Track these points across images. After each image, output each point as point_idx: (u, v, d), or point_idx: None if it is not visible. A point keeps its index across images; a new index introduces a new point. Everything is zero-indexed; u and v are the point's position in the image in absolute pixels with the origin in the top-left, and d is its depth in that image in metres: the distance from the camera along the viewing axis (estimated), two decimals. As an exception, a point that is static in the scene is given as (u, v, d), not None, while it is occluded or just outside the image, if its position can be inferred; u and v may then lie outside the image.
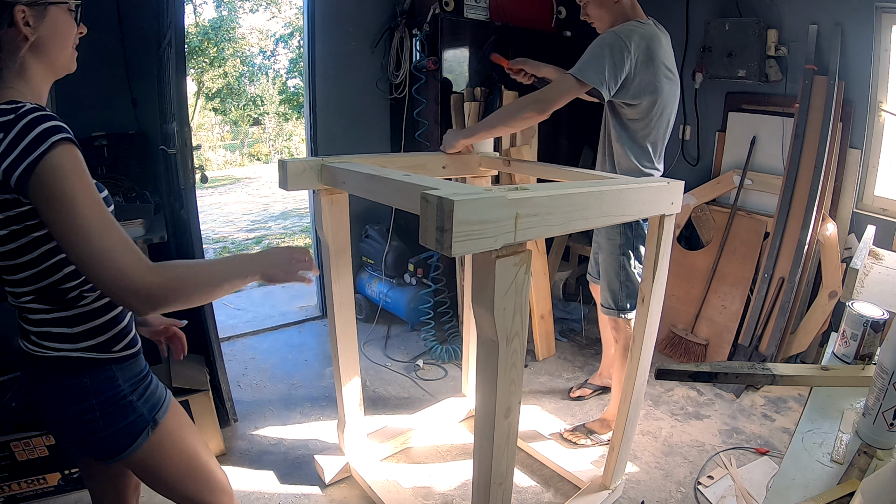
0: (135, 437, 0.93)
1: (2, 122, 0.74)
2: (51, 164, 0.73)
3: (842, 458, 0.82)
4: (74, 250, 0.76)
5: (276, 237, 6.01)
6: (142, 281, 0.77)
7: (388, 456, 1.95)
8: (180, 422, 1.03)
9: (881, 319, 1.04)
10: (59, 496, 1.72)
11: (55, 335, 0.88)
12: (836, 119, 2.35)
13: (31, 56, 0.82)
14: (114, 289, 0.76)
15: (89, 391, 0.89)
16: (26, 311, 0.88)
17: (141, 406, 0.94)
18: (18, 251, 0.82)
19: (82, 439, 0.92)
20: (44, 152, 0.73)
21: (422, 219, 0.89)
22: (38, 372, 0.91)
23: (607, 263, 1.82)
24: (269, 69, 15.43)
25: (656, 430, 2.12)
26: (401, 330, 3.02)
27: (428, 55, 2.65)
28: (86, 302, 0.89)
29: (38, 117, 0.75)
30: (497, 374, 1.01)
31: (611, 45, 1.53)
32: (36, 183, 0.73)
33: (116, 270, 0.75)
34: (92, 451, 0.94)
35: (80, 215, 0.75)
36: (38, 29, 0.81)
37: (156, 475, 1.01)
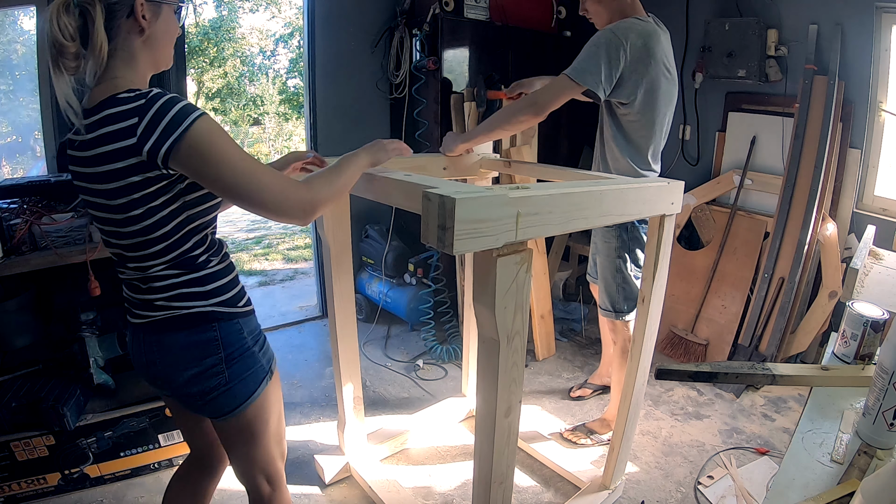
0: (255, 386, 1.01)
1: (133, 107, 0.82)
2: (198, 132, 0.82)
3: (842, 458, 0.82)
4: (240, 192, 0.86)
5: (276, 237, 6.00)
6: (298, 198, 0.91)
7: (388, 456, 1.95)
8: (276, 387, 1.10)
9: (881, 319, 1.04)
10: (59, 496, 1.72)
11: (187, 294, 0.95)
12: (836, 119, 2.35)
13: (142, 48, 0.90)
14: (280, 211, 0.90)
15: (219, 343, 0.97)
16: (155, 279, 0.94)
17: (261, 357, 1.03)
18: (154, 226, 0.89)
19: (206, 394, 0.98)
20: (188, 126, 0.81)
21: (423, 217, 0.89)
22: (163, 335, 0.96)
23: (604, 266, 1.81)
24: (269, 69, 15.43)
25: (656, 430, 2.12)
26: (401, 330, 3.02)
27: (428, 55, 2.65)
28: (213, 264, 0.98)
29: (170, 98, 0.83)
30: (497, 374, 1.01)
31: (606, 43, 1.50)
32: (187, 152, 0.82)
33: (280, 197, 0.89)
34: (214, 407, 1.00)
35: (238, 165, 0.85)
36: (153, 24, 0.89)
37: (255, 434, 1.06)
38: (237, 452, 1.09)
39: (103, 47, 0.85)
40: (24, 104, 2.73)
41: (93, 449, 1.71)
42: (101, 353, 1.79)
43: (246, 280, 4.30)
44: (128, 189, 0.85)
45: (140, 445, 1.78)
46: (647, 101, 1.59)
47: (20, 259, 1.61)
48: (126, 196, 0.86)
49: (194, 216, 0.93)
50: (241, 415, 1.01)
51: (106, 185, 0.86)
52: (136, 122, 0.81)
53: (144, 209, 0.87)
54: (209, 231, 0.99)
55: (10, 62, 3.13)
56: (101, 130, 0.83)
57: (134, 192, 0.85)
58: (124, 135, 0.82)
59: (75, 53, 0.84)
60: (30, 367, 1.75)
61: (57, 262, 1.64)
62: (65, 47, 0.83)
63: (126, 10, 0.86)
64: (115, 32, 0.87)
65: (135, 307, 0.99)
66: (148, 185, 0.85)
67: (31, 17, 2.36)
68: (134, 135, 0.81)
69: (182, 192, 0.89)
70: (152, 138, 0.81)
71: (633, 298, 1.80)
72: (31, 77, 2.26)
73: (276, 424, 1.10)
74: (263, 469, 1.12)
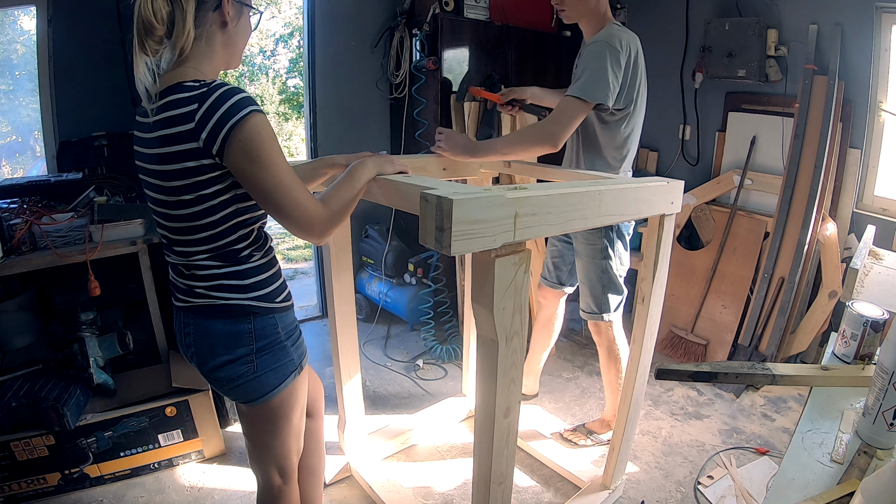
0: (283, 378, 1.03)
1: (195, 94, 0.85)
2: (253, 128, 0.85)
3: (842, 458, 0.81)
4: (275, 202, 0.89)
5: (276, 237, 6.00)
6: (320, 218, 0.93)
7: (389, 456, 1.95)
8: (304, 381, 1.12)
9: (881, 319, 1.04)
10: (59, 496, 1.72)
11: (227, 286, 0.98)
12: (836, 119, 2.35)
13: (221, 43, 0.94)
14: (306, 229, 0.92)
15: (253, 335, 0.99)
16: (197, 267, 0.97)
17: (293, 352, 1.05)
18: (202, 213, 0.91)
19: (233, 380, 1.01)
20: (243, 117, 0.84)
21: (421, 218, 0.89)
22: (200, 320, 1.00)
23: (588, 269, 1.78)
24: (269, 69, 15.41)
25: (656, 430, 2.12)
26: (401, 330, 3.02)
27: (428, 55, 2.65)
28: (255, 259, 1.01)
29: (232, 88, 0.86)
30: (497, 374, 1.01)
31: (609, 56, 1.51)
32: (239, 146, 0.84)
33: (307, 215, 0.91)
34: (239, 393, 1.03)
35: (279, 174, 0.88)
36: (234, 21, 0.94)
37: (277, 424, 1.08)
38: (256, 440, 1.12)
39: (189, 35, 0.89)
40: (24, 104, 2.73)
41: (93, 449, 1.71)
42: (101, 353, 1.79)
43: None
44: (182, 173, 0.88)
45: (140, 445, 1.78)
46: (638, 106, 1.65)
47: (20, 259, 1.61)
48: (180, 180, 0.89)
49: (244, 210, 0.95)
50: (266, 404, 1.04)
51: (163, 167, 0.89)
52: (196, 108, 0.84)
53: (196, 195, 0.90)
54: (257, 226, 1.01)
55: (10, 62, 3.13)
56: (165, 114, 0.87)
57: (188, 177, 0.88)
58: (184, 120, 0.85)
59: (160, 37, 0.88)
60: (30, 367, 1.75)
61: (57, 262, 1.64)
62: (154, 28, 0.87)
63: (214, 4, 0.91)
64: (201, 22, 0.91)
65: (178, 291, 1.03)
66: (202, 172, 0.88)
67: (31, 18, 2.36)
68: (193, 120, 0.84)
69: (235, 185, 0.92)
70: (209, 126, 0.84)
71: (617, 296, 1.80)
72: (32, 77, 2.26)
73: (298, 419, 1.13)
74: (277, 461, 1.14)
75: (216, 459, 1.91)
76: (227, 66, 0.99)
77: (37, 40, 2.18)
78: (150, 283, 1.92)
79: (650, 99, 1.74)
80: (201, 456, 1.90)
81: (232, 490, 1.77)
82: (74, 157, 2.17)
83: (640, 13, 3.06)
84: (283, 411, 1.07)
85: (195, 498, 1.74)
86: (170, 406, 1.78)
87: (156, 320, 1.96)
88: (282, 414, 1.08)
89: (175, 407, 1.79)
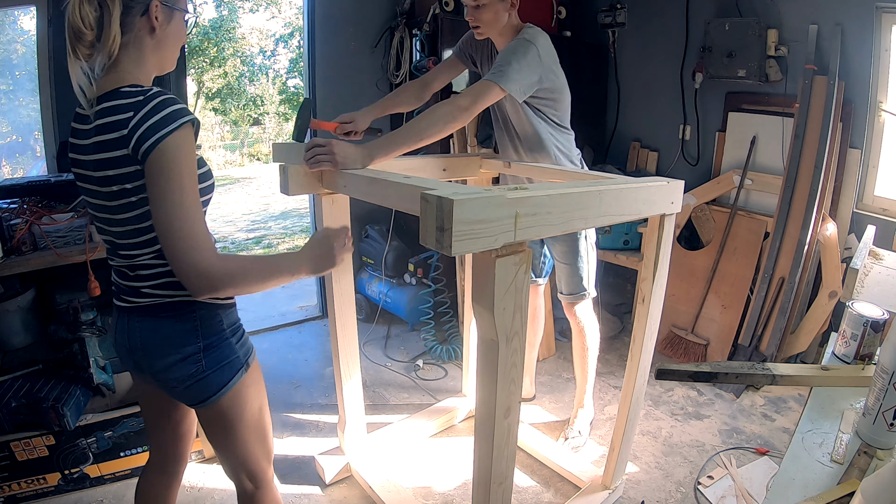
0: (231, 375, 1.02)
1: (130, 102, 0.86)
2: (175, 141, 0.84)
3: (842, 458, 0.82)
4: (167, 222, 0.85)
5: (276, 237, 6.01)
6: (210, 265, 0.87)
7: (389, 456, 1.95)
8: (259, 376, 1.12)
9: (881, 319, 1.04)
10: (59, 496, 1.72)
11: (173, 284, 0.96)
12: (836, 119, 2.35)
13: (152, 49, 0.94)
14: (187, 265, 0.86)
15: (199, 332, 0.99)
16: (142, 267, 0.97)
17: (238, 349, 1.05)
18: (142, 216, 0.91)
19: (184, 380, 1.00)
20: (172, 130, 0.84)
21: (422, 219, 0.89)
22: (148, 320, 0.99)
23: (568, 252, 1.84)
24: (269, 69, 15.44)
25: (656, 430, 2.12)
26: (401, 330, 3.02)
27: (428, 55, 2.65)
28: None
29: (167, 99, 0.86)
30: (497, 374, 1.01)
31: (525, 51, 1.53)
32: (158, 156, 0.84)
33: (196, 251, 0.86)
34: (191, 394, 1.02)
35: (185, 195, 0.86)
36: (164, 26, 0.94)
37: (232, 425, 1.07)
38: (218, 445, 1.12)
39: (115, 39, 0.89)
40: (24, 104, 2.73)
41: (93, 449, 1.71)
42: (101, 353, 1.79)
43: (246, 280, 4.29)
44: (119, 179, 0.89)
45: (140, 445, 1.78)
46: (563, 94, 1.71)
47: (20, 259, 1.61)
48: (118, 185, 0.89)
49: None
50: (217, 404, 1.03)
51: (101, 173, 0.90)
52: (132, 115, 0.85)
53: (135, 199, 0.90)
54: None
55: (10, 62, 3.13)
56: (101, 120, 0.87)
57: (124, 182, 0.89)
58: (119, 126, 0.85)
59: (91, 42, 0.89)
60: (30, 367, 1.75)
61: (57, 262, 1.64)
62: (83, 34, 0.88)
63: (141, 9, 0.91)
64: (129, 28, 0.91)
65: (122, 293, 1.02)
66: (136, 177, 0.88)
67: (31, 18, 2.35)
68: (126, 127, 0.85)
69: None
70: (138, 133, 0.84)
71: (594, 271, 1.88)
72: (32, 77, 2.25)
73: (255, 420, 1.11)
74: (244, 465, 1.13)
75: (216, 460, 1.91)
76: (160, 70, 0.99)
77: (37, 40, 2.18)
78: (150, 283, 1.92)
79: (650, 99, 1.75)
80: (201, 456, 1.90)
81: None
82: (74, 157, 2.17)
83: (640, 13, 3.06)
84: (236, 410, 1.06)
85: (195, 498, 1.74)
86: (170, 406, 1.78)
87: (156, 320, 1.96)
88: (234, 415, 1.06)
89: (175, 407, 1.79)
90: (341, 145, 1.33)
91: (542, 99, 1.65)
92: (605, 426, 2.15)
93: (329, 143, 1.32)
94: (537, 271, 2.05)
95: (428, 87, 1.84)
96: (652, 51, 3.08)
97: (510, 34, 1.65)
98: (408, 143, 1.40)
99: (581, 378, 2.04)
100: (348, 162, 1.33)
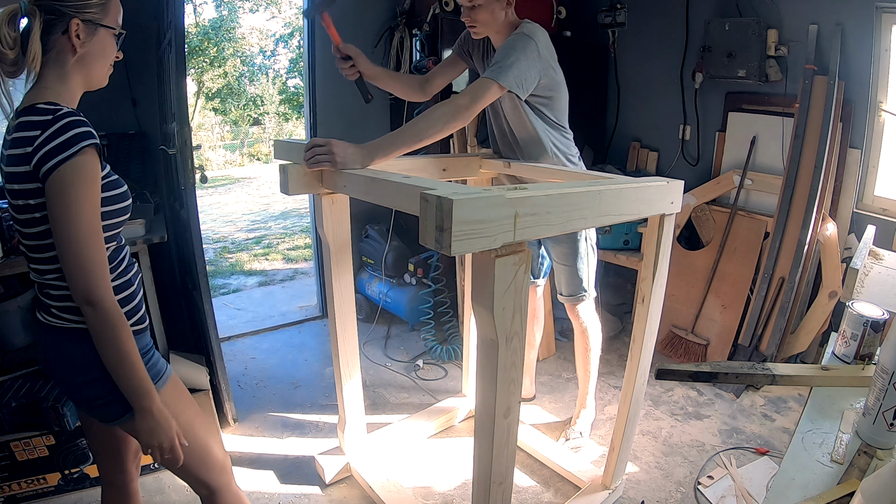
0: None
1: (40, 120, 0.86)
2: (74, 166, 0.85)
3: (842, 458, 0.81)
4: (61, 246, 0.87)
5: (277, 237, 6.01)
6: (101, 297, 0.89)
7: (389, 456, 1.95)
8: (178, 396, 1.11)
9: (881, 319, 1.04)
10: (59, 496, 1.72)
11: (74, 308, 0.95)
12: (836, 119, 2.35)
13: (75, 66, 0.94)
14: (78, 292, 0.88)
15: (98, 360, 0.95)
16: (49, 286, 0.97)
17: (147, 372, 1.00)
18: (46, 233, 0.91)
19: (88, 403, 1.01)
20: (71, 154, 0.84)
21: (421, 219, 0.89)
22: (55, 341, 0.99)
23: (570, 254, 1.82)
24: (269, 69, 15.45)
25: (656, 430, 2.12)
26: (401, 330, 3.02)
27: (428, 55, 2.65)
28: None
29: (74, 121, 0.86)
30: (497, 374, 1.01)
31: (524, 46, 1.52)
32: (57, 179, 0.84)
33: (88, 279, 0.87)
34: (96, 414, 1.03)
35: (82, 221, 0.86)
36: (87, 44, 0.93)
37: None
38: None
39: (36, 58, 0.90)
40: (24, 104, 2.73)
41: (93, 449, 1.71)
42: (100, 354, 1.79)
43: (246, 280, 4.30)
44: (24, 194, 0.89)
45: (140, 445, 1.78)
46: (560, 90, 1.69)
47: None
48: (23, 199, 0.90)
49: None
50: (127, 425, 1.01)
51: (10, 186, 0.90)
52: (39, 134, 0.85)
53: (38, 216, 0.90)
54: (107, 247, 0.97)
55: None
56: (15, 134, 0.88)
57: (28, 198, 0.89)
58: (27, 143, 0.86)
59: (13, 60, 0.91)
60: (30, 367, 1.75)
61: (57, 263, 1.64)
62: (4, 55, 0.90)
63: (62, 27, 0.90)
64: (50, 45, 0.91)
65: (39, 306, 1.02)
66: (38, 194, 0.88)
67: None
68: (32, 145, 0.85)
69: None
70: (40, 153, 0.84)
71: (594, 272, 1.87)
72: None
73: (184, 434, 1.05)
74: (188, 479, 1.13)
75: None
76: (88, 86, 0.98)
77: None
78: (149, 283, 1.92)
79: (650, 99, 1.75)
80: (201, 456, 1.90)
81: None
82: (74, 157, 2.17)
83: (640, 13, 3.06)
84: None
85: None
86: (170, 406, 1.78)
87: (156, 320, 1.96)
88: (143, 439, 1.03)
89: (175, 407, 1.79)
90: (341, 145, 1.31)
91: (539, 97, 1.64)
92: (605, 426, 2.15)
93: (328, 143, 1.30)
94: (535, 272, 2.05)
95: (429, 83, 1.85)
96: (652, 51, 3.08)
97: (507, 32, 1.63)
98: (407, 144, 1.39)
99: (583, 378, 2.04)
100: (348, 162, 1.31)
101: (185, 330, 2.30)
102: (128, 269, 1.04)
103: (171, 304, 2.16)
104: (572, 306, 1.91)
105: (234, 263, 4.83)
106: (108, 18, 0.95)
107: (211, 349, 2.01)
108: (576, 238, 1.80)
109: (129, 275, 1.04)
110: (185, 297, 2.29)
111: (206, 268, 1.94)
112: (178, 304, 2.32)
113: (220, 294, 3.87)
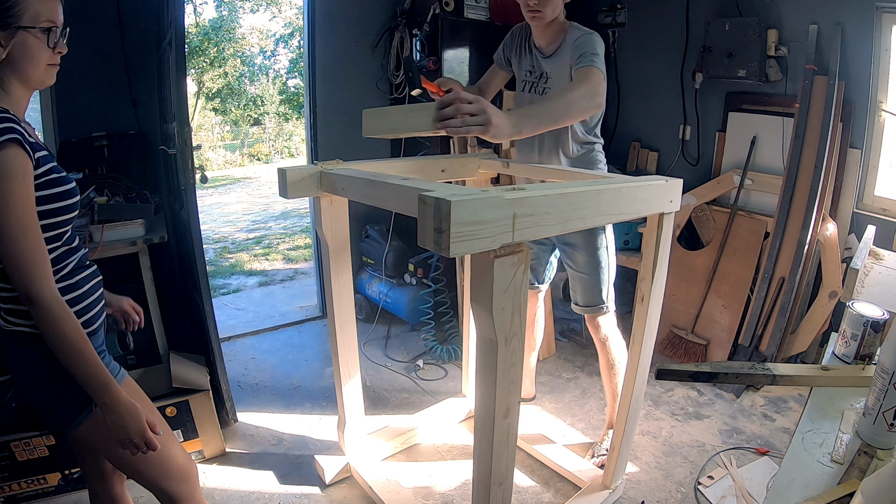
0: (80, 409, 0.99)
1: None
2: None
3: (842, 458, 0.81)
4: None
5: (277, 237, 6.01)
6: (38, 293, 0.87)
7: (389, 456, 1.95)
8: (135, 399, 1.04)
9: (881, 319, 1.04)
10: (59, 496, 1.72)
11: (18, 311, 0.95)
12: (836, 119, 2.35)
13: (6, 69, 0.91)
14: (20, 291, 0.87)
15: (40, 363, 0.96)
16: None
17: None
18: None
19: (37, 408, 1.01)
20: None
21: (420, 220, 0.89)
22: (5, 345, 0.99)
23: (590, 263, 1.76)
24: (270, 69, 15.45)
25: (656, 430, 2.12)
26: (401, 330, 3.02)
27: (428, 55, 2.65)
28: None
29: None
30: (496, 374, 1.01)
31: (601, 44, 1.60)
32: None
33: (23, 275, 0.86)
34: (45, 420, 1.02)
35: (10, 216, 0.84)
36: (9, 48, 0.90)
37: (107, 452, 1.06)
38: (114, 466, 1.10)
39: None
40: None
41: (93, 449, 1.71)
42: (100, 354, 1.79)
43: (246, 280, 4.30)
44: None
45: (140, 446, 1.78)
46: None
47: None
48: None
49: None
50: (76, 432, 1.00)
51: None
52: None
53: None
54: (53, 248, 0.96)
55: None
56: None
57: None
58: None
59: None
60: (30, 367, 1.75)
61: (56, 263, 1.64)
62: None
63: None
64: None
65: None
66: None
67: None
68: None
69: None
70: None
71: (612, 285, 1.83)
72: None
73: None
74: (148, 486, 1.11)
75: (216, 460, 1.91)
76: (30, 88, 0.96)
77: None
78: (150, 284, 1.92)
79: (650, 99, 1.75)
80: (201, 456, 1.90)
81: (232, 490, 1.77)
82: (74, 157, 2.17)
83: (640, 13, 3.06)
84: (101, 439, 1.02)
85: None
86: (170, 406, 1.78)
87: (156, 320, 1.96)
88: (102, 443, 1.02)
89: (175, 407, 1.79)
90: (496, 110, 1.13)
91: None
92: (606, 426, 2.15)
93: (479, 102, 1.09)
94: (540, 278, 2.01)
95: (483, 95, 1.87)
96: (652, 51, 3.07)
97: (556, 28, 1.69)
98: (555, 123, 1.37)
99: (610, 396, 1.94)
100: (502, 132, 1.15)
101: (186, 330, 2.30)
102: (76, 272, 1.01)
103: (171, 304, 2.16)
104: (592, 318, 1.84)
105: (235, 263, 4.83)
106: (25, 19, 0.91)
107: (211, 349, 2.01)
108: (595, 246, 1.74)
109: (76, 278, 1.01)
110: (186, 297, 2.29)
111: (206, 268, 1.94)
112: (179, 304, 2.32)
113: (221, 294, 3.87)
